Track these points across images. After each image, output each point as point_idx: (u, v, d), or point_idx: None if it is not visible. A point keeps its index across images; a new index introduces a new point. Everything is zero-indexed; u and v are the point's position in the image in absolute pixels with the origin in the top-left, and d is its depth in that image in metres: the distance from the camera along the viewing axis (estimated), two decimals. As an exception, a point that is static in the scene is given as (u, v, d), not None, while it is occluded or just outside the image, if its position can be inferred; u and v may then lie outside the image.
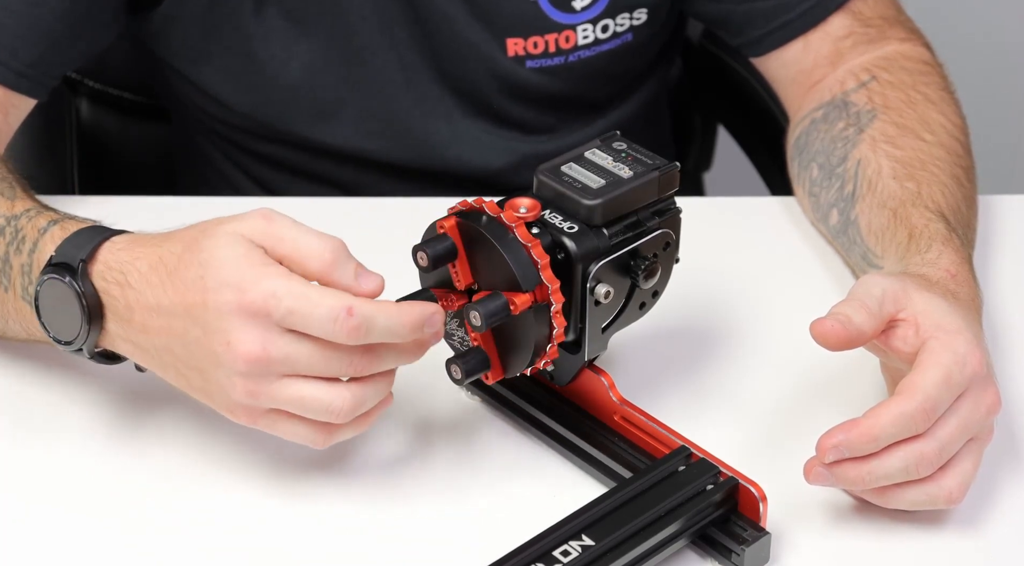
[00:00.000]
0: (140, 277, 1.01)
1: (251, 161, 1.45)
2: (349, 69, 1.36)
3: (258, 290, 0.97)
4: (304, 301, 0.96)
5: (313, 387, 0.99)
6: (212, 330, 0.98)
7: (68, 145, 1.58)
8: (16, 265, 1.08)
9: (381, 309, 0.97)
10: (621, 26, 1.36)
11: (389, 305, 0.98)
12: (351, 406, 0.99)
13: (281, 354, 0.97)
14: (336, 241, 0.99)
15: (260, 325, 0.97)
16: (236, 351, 0.97)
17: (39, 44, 1.26)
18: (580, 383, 1.09)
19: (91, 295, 1.02)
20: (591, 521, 0.99)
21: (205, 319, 0.98)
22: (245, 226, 1.00)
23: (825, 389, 1.15)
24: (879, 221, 1.19)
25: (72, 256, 1.03)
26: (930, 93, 1.30)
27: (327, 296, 0.97)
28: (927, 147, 1.24)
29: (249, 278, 0.97)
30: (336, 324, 0.96)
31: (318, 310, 0.96)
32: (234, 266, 0.98)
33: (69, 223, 1.08)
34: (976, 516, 1.06)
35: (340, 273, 0.99)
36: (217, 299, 0.98)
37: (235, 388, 0.99)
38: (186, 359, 1.01)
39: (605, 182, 1.03)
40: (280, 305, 0.96)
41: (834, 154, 1.27)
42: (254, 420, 1.01)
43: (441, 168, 1.42)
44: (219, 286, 0.97)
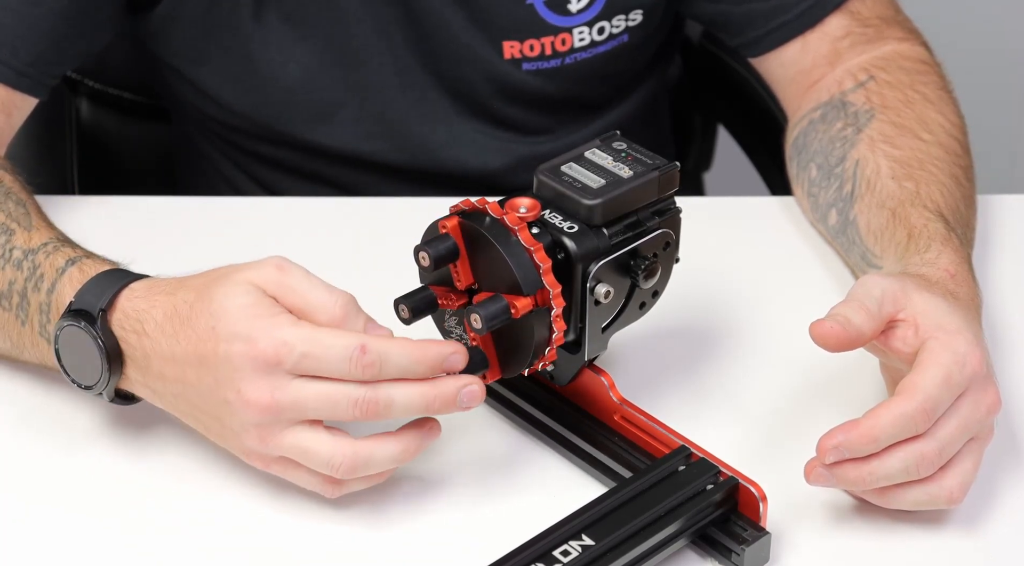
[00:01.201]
0: (156, 326, 1.03)
1: (250, 161, 1.45)
2: (346, 71, 1.36)
3: (269, 340, 0.98)
4: (316, 344, 0.98)
5: (317, 439, 1.00)
6: (223, 380, 0.99)
7: (68, 145, 1.58)
8: (34, 303, 1.09)
9: (395, 345, 0.99)
10: (617, 28, 1.36)
11: (405, 341, 0.99)
12: (351, 463, 1.00)
13: (290, 400, 0.99)
14: (347, 296, 1.01)
15: (271, 374, 0.98)
16: (246, 400, 0.99)
17: (40, 43, 1.26)
18: (580, 383, 1.09)
19: (111, 345, 1.04)
20: (591, 521, 0.99)
21: (217, 369, 1.00)
22: (257, 275, 1.01)
23: (825, 389, 1.15)
24: (878, 221, 1.19)
25: (91, 304, 1.04)
26: (928, 92, 1.30)
27: (339, 337, 0.98)
28: (925, 146, 1.24)
29: (260, 328, 0.98)
30: (351, 363, 0.97)
31: (331, 351, 0.97)
32: (244, 316, 0.99)
33: (87, 264, 1.08)
34: (976, 516, 1.06)
35: (350, 327, 1.00)
36: (229, 350, 0.99)
37: (248, 435, 1.01)
38: (201, 407, 1.02)
39: (605, 182, 1.03)
40: (292, 352, 0.98)
41: (832, 154, 1.27)
42: (268, 466, 1.03)
43: (439, 170, 1.42)
44: (230, 337, 0.99)
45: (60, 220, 1.22)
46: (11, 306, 1.10)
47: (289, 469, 1.02)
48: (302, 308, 1.00)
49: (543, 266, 1.00)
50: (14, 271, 1.10)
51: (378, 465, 1.01)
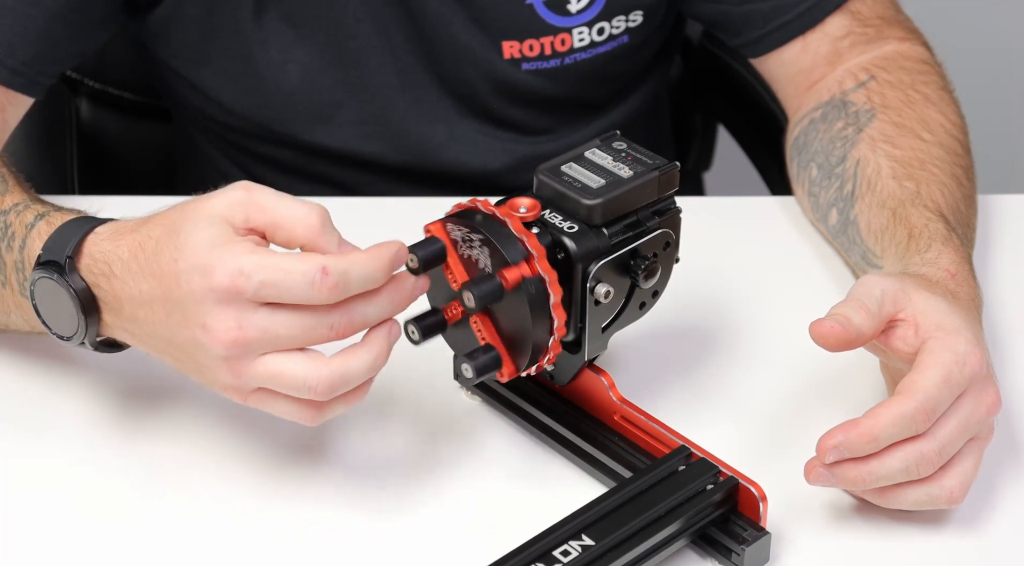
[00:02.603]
0: (123, 266, 1.01)
1: (251, 161, 1.45)
2: (346, 72, 1.36)
3: (225, 270, 0.95)
4: (275, 271, 0.95)
5: (290, 363, 0.97)
6: (190, 315, 0.97)
7: (68, 145, 1.58)
8: (10, 262, 1.08)
9: (353, 260, 0.95)
10: (617, 28, 1.36)
11: (359, 254, 0.96)
12: (328, 381, 0.97)
13: (258, 331, 0.96)
14: (321, 207, 0.97)
15: (233, 305, 0.95)
16: (213, 334, 0.96)
17: (36, 42, 1.26)
18: (580, 383, 1.09)
19: (83, 291, 1.02)
20: (591, 521, 0.99)
21: (182, 304, 0.97)
22: (224, 201, 0.97)
23: (825, 389, 1.15)
24: (878, 221, 1.19)
25: (59, 253, 1.03)
26: (929, 92, 1.30)
27: (297, 261, 0.95)
28: (926, 146, 1.24)
29: (216, 257, 0.95)
30: (314, 287, 0.94)
31: (292, 277, 0.95)
32: (202, 248, 0.96)
33: (55, 216, 1.07)
34: (977, 516, 1.06)
35: (327, 239, 0.97)
36: (189, 284, 0.96)
37: (220, 370, 0.98)
38: (174, 344, 1.00)
39: (605, 182, 1.03)
40: (251, 281, 0.95)
41: (833, 154, 1.27)
42: (245, 399, 1.00)
43: (439, 170, 1.42)
44: (189, 270, 0.96)
45: (60, 220, 1.22)
46: None
47: (267, 400, 0.99)
48: (276, 223, 0.97)
49: (536, 252, 0.99)
50: None
51: (355, 378, 0.98)
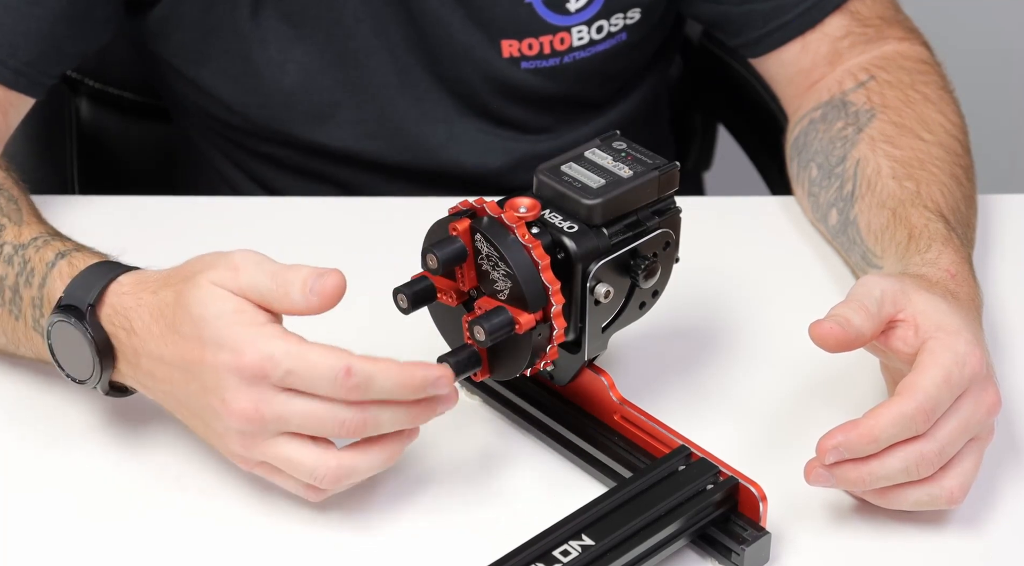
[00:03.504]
0: (143, 326, 1.03)
1: (250, 160, 1.45)
2: (345, 71, 1.36)
3: (255, 353, 0.98)
4: (302, 362, 0.97)
5: (301, 451, 1.00)
6: (209, 387, 1.00)
7: (68, 145, 1.58)
8: (27, 298, 1.09)
9: (381, 368, 0.98)
10: (615, 26, 1.36)
11: (391, 365, 0.98)
12: (335, 475, 1.00)
13: (274, 414, 0.99)
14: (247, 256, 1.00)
15: (256, 387, 0.98)
16: (231, 409, 0.99)
17: (38, 43, 1.26)
18: (580, 383, 1.09)
19: (101, 340, 1.04)
20: (591, 521, 0.99)
21: (203, 376, 1.00)
22: (218, 278, 1.00)
23: (825, 389, 1.15)
24: (878, 221, 1.19)
25: (80, 299, 1.04)
26: (929, 92, 1.30)
27: (325, 356, 0.97)
28: (926, 146, 1.24)
29: (245, 340, 0.98)
30: (335, 384, 0.97)
31: (316, 370, 0.97)
32: (228, 324, 0.99)
33: (76, 258, 1.08)
34: (977, 516, 1.06)
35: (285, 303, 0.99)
36: (215, 359, 0.99)
37: (232, 440, 1.01)
38: (189, 407, 1.03)
39: (605, 182, 1.03)
40: (278, 368, 0.97)
41: (833, 154, 1.27)
42: (251, 468, 1.03)
43: (439, 169, 1.42)
44: (216, 346, 0.99)
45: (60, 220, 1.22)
46: (4, 301, 1.10)
47: (272, 474, 1.03)
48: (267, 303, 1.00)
49: (541, 263, 1.00)
50: (5, 267, 1.10)
51: (361, 474, 1.01)
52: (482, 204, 1.02)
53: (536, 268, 1.00)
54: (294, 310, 0.99)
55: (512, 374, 1.04)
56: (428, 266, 1.02)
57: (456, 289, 1.04)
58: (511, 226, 1.00)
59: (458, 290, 1.04)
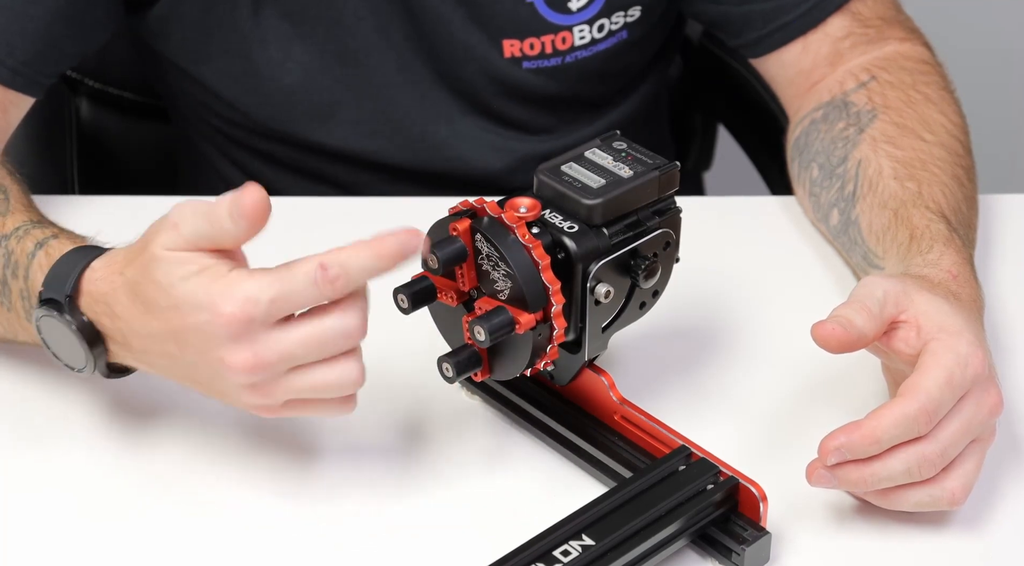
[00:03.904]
0: (123, 309, 1.02)
1: (250, 159, 1.45)
2: (346, 70, 1.36)
3: (232, 301, 0.96)
4: (278, 285, 0.96)
5: (320, 373, 0.98)
6: (203, 351, 0.98)
7: (68, 145, 1.58)
8: (15, 289, 1.09)
9: (352, 251, 0.96)
10: (616, 24, 1.36)
11: (360, 245, 0.96)
12: (361, 371, 0.99)
13: (276, 354, 0.97)
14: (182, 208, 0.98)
15: (246, 335, 0.97)
16: (231, 365, 0.97)
17: (36, 42, 1.26)
18: (580, 383, 1.09)
19: (86, 327, 1.03)
20: (591, 521, 0.99)
21: (193, 341, 0.99)
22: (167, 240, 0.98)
23: (825, 389, 1.15)
24: (880, 221, 1.19)
25: (58, 290, 1.04)
26: (930, 93, 1.30)
27: (294, 267, 0.96)
28: (927, 147, 1.24)
29: (217, 292, 0.97)
30: (317, 286, 0.96)
31: (294, 283, 0.96)
32: (197, 286, 0.97)
33: (53, 246, 1.08)
34: (978, 517, 1.06)
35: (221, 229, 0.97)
36: (196, 321, 0.98)
37: (244, 395, 1.00)
38: (192, 375, 1.02)
39: (605, 182, 1.03)
40: (259, 304, 0.96)
41: (834, 154, 1.27)
42: (276, 414, 1.01)
43: (440, 169, 1.42)
44: (193, 308, 0.97)
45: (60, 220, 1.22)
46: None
47: (298, 408, 1.01)
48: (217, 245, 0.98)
49: (541, 263, 1.00)
50: None
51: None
52: (482, 204, 1.02)
53: (536, 268, 1.00)
54: (238, 240, 0.97)
55: (512, 374, 1.04)
56: (428, 266, 1.02)
57: (456, 289, 1.04)
58: (511, 226, 1.00)
59: (458, 290, 1.04)
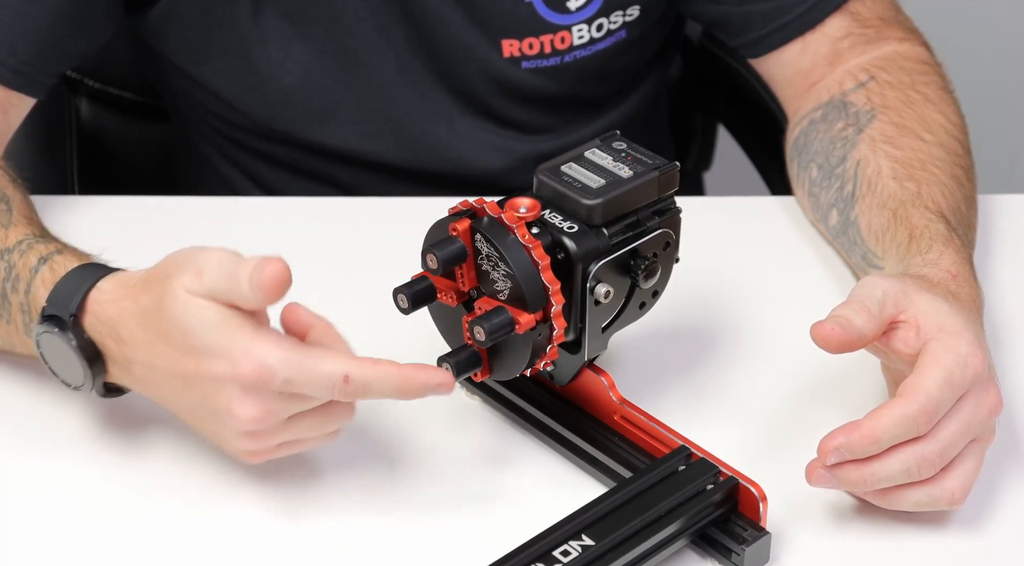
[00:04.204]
0: (131, 335, 1.02)
1: (250, 159, 1.45)
2: (346, 71, 1.36)
3: (251, 362, 0.97)
4: (299, 371, 0.97)
5: (320, 418, 1.01)
6: (211, 396, 0.99)
7: (68, 145, 1.58)
8: (15, 303, 1.08)
9: (380, 374, 0.98)
10: (615, 24, 1.36)
11: (390, 370, 0.98)
12: (354, 410, 1.02)
13: (283, 408, 0.99)
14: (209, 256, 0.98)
15: (259, 393, 0.98)
16: (239, 417, 0.98)
17: (37, 42, 1.26)
18: (580, 383, 1.09)
19: (88, 347, 1.03)
20: (591, 521, 0.99)
21: (203, 387, 0.99)
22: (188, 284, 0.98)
23: (825, 389, 1.15)
24: (879, 221, 1.19)
25: (62, 308, 1.03)
26: (929, 93, 1.30)
27: (321, 362, 0.97)
28: (927, 147, 1.24)
29: (238, 348, 0.97)
30: (334, 392, 0.97)
31: (313, 378, 0.97)
32: (217, 335, 0.97)
33: (58, 262, 1.07)
34: (978, 517, 1.06)
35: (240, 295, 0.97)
36: (211, 370, 0.98)
37: (242, 442, 1.01)
38: (191, 414, 1.02)
39: (605, 182, 1.03)
40: (275, 378, 0.97)
41: (833, 154, 1.27)
42: (266, 457, 1.02)
43: (440, 169, 1.42)
44: (210, 356, 0.98)
45: (60, 220, 1.22)
46: None
47: (292, 448, 1.02)
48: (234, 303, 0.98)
49: (541, 263, 1.00)
50: None
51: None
52: (482, 204, 1.02)
53: (536, 268, 1.00)
54: (254, 306, 0.98)
55: (512, 374, 1.04)
56: (428, 266, 1.02)
57: (456, 289, 1.04)
58: (511, 226, 1.00)
59: (458, 290, 1.04)
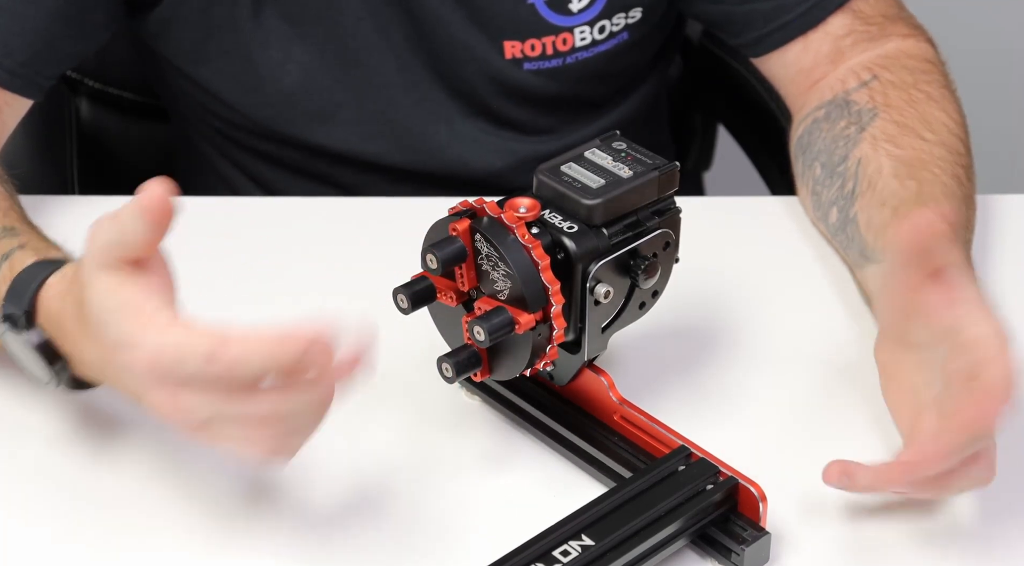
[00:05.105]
0: (72, 329, 1.00)
1: (250, 159, 1.45)
2: (346, 72, 1.36)
3: (145, 351, 0.92)
4: (176, 352, 0.91)
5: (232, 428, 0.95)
6: (130, 386, 0.96)
7: (68, 145, 1.58)
8: None
9: (248, 345, 0.90)
10: (617, 26, 1.36)
11: (259, 339, 0.91)
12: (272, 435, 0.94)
13: (190, 404, 0.93)
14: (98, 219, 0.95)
15: (162, 381, 0.93)
16: (153, 407, 0.95)
17: (34, 43, 1.26)
18: (580, 383, 1.09)
19: (44, 345, 1.03)
20: (591, 521, 0.99)
21: (121, 376, 0.97)
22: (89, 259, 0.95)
23: (825, 389, 1.15)
24: (879, 218, 1.19)
25: (17, 306, 1.03)
26: (931, 91, 1.30)
27: (195, 340, 0.91)
28: (928, 146, 1.24)
29: (135, 335, 0.93)
30: (207, 374, 0.91)
31: (190, 361, 0.91)
32: (119, 321, 0.94)
33: (16, 259, 1.06)
34: (978, 517, 1.06)
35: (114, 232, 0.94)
36: (116, 358, 0.95)
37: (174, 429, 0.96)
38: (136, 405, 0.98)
39: (605, 182, 1.03)
40: (164, 365, 0.92)
41: (835, 153, 1.27)
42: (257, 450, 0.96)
43: (441, 170, 1.42)
44: (115, 345, 0.95)
45: (60, 220, 1.22)
46: None
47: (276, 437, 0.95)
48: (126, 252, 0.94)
49: (541, 263, 1.00)
50: None
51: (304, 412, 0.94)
52: (482, 204, 1.02)
53: (536, 268, 1.00)
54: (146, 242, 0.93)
55: (512, 374, 1.04)
56: (428, 266, 1.02)
57: (456, 289, 1.04)
58: (511, 226, 1.00)
59: (458, 290, 1.04)
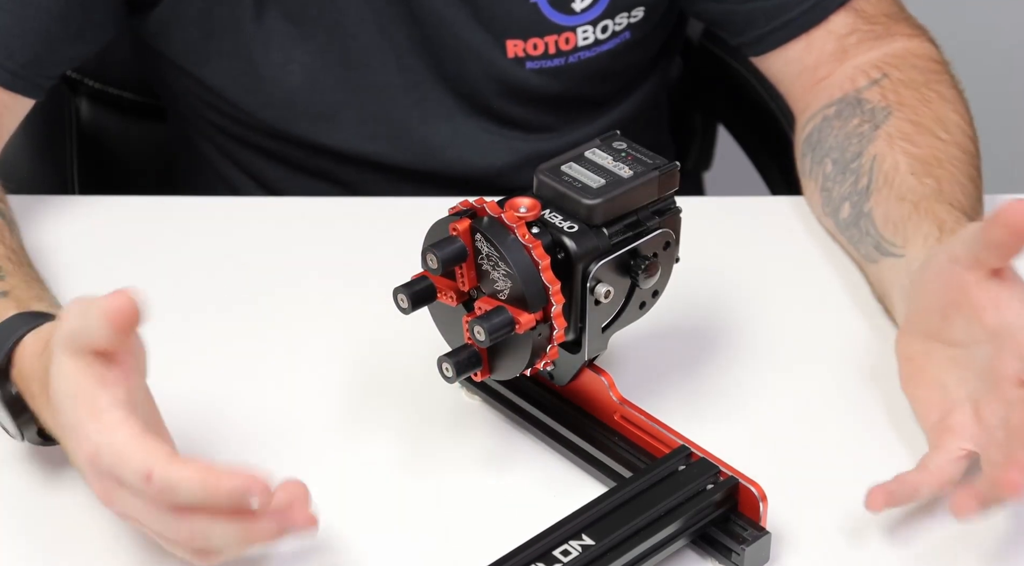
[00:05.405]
0: (39, 393, 1.00)
1: (250, 156, 1.45)
2: (348, 72, 1.36)
3: (89, 444, 0.93)
4: (117, 460, 0.92)
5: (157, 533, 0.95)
6: (77, 465, 0.97)
7: (68, 145, 1.58)
8: None
9: (186, 476, 0.90)
10: (619, 25, 1.36)
11: (198, 472, 0.91)
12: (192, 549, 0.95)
13: (122, 500, 0.94)
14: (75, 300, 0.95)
15: (99, 475, 0.94)
16: (94, 490, 0.95)
17: (35, 44, 1.26)
18: (580, 383, 1.09)
19: (13, 401, 1.02)
20: (591, 521, 0.99)
21: (72, 455, 0.97)
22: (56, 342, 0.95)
23: (825, 389, 1.15)
24: (898, 212, 1.19)
25: None
26: (944, 91, 1.29)
27: (136, 454, 0.91)
28: (944, 146, 1.24)
29: (82, 428, 0.93)
30: (145, 486, 0.91)
31: (126, 470, 0.92)
32: (71, 409, 0.94)
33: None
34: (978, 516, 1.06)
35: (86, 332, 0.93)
36: (65, 443, 0.97)
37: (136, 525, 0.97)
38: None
39: (605, 182, 1.03)
40: (101, 464, 0.93)
41: (849, 150, 1.27)
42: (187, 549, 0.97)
43: (442, 169, 1.42)
44: (63, 427, 0.96)
45: (60, 220, 1.22)
46: None
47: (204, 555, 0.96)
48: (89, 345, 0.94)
49: (541, 263, 1.00)
50: None
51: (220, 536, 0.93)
52: (482, 204, 1.02)
53: (536, 268, 1.00)
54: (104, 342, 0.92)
55: (512, 374, 1.04)
56: (428, 266, 1.02)
57: (456, 289, 1.04)
58: (511, 226, 1.00)
59: (458, 290, 1.04)
